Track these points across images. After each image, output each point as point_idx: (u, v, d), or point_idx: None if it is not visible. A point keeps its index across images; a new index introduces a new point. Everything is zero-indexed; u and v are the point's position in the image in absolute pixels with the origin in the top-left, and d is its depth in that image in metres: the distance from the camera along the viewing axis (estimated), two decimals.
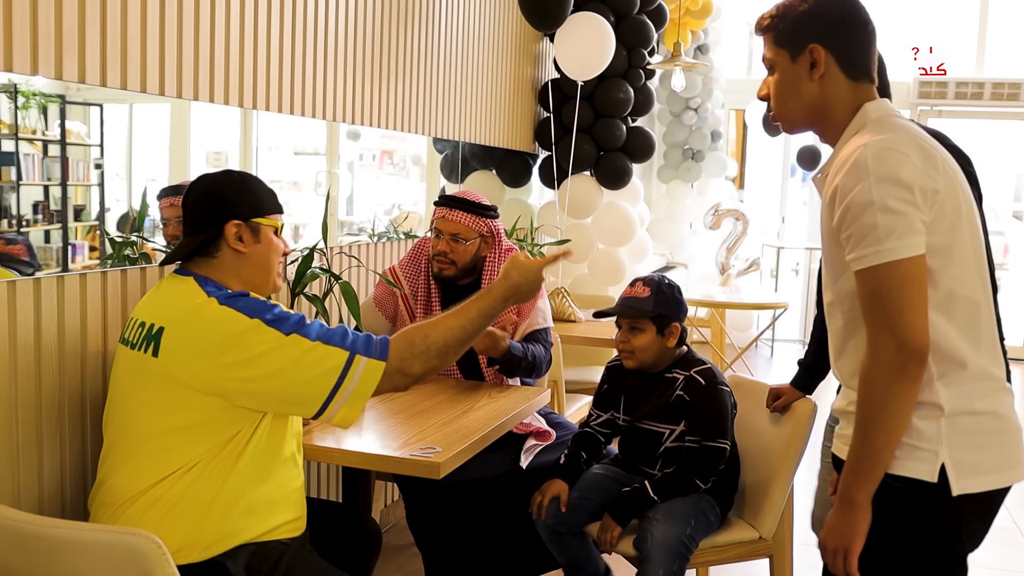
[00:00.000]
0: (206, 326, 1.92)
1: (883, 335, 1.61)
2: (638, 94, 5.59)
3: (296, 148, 3.24)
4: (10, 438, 2.11)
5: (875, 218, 1.60)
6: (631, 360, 2.71)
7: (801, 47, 1.78)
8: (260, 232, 2.08)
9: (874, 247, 1.60)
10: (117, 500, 1.96)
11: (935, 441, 1.66)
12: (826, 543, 1.72)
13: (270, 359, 1.89)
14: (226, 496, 1.95)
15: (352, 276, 3.53)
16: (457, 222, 3.03)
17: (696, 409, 2.64)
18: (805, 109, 1.81)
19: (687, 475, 2.60)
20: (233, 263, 2.06)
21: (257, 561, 1.99)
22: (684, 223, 8.51)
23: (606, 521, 2.60)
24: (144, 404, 1.95)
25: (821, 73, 1.77)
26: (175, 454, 1.93)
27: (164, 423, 1.94)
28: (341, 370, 1.91)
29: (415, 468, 2.18)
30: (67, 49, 2.16)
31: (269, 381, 1.90)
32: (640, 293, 2.69)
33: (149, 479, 1.93)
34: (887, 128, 1.70)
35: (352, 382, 1.91)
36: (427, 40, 4.06)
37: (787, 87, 1.82)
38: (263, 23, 2.89)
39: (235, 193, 2.08)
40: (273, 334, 1.90)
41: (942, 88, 8.18)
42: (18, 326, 2.10)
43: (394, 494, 4.02)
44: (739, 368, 6.64)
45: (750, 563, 2.99)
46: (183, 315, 1.95)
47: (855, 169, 1.63)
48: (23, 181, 2.12)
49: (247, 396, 1.92)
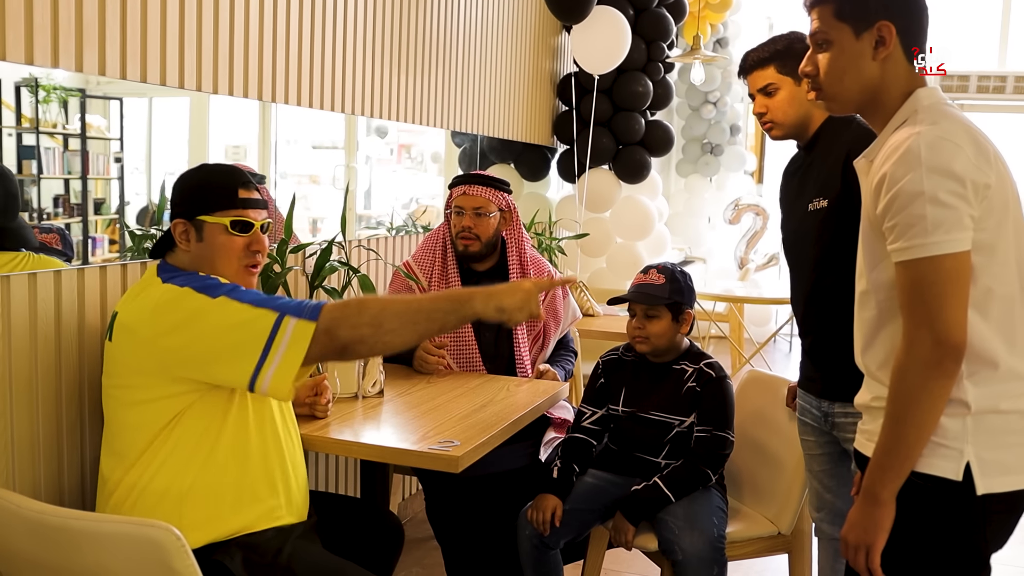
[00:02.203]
0: (146, 302, 1.95)
1: (921, 330, 1.58)
2: (657, 88, 5.57)
3: (314, 142, 3.25)
4: (31, 430, 2.12)
5: (924, 209, 1.55)
6: (645, 345, 2.72)
7: (869, 23, 1.69)
8: (204, 230, 2.05)
9: (920, 239, 1.56)
10: (105, 489, 2.00)
11: (960, 439, 1.62)
12: (848, 538, 1.69)
13: (197, 322, 1.88)
14: (201, 484, 1.95)
15: (370, 269, 3.54)
16: (478, 195, 3.07)
17: (707, 400, 2.67)
18: (860, 89, 1.74)
19: (698, 466, 2.61)
20: (188, 258, 2.07)
21: (256, 554, 1.98)
22: (702, 217, 8.47)
23: (620, 522, 2.58)
24: (107, 389, 2.01)
25: (888, 53, 1.70)
26: (140, 440, 1.95)
27: (123, 407, 1.98)
28: (269, 332, 1.84)
29: (434, 462, 2.18)
30: (87, 42, 2.17)
31: (198, 344, 1.88)
32: (655, 280, 2.71)
33: (124, 467, 1.96)
34: (941, 117, 1.64)
35: (281, 345, 1.83)
36: (446, 33, 4.05)
37: (846, 65, 1.73)
38: (282, 16, 2.89)
39: (179, 192, 2.09)
40: (202, 299, 1.90)
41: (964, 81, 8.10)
42: (39, 318, 2.11)
43: (412, 487, 4.02)
44: (757, 363, 6.59)
45: (768, 559, 2.98)
46: (132, 297, 2.01)
47: (907, 157, 1.58)
48: (44, 175, 2.13)
49: (181, 365, 1.91)
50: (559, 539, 2.66)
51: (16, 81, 2.03)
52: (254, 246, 2.09)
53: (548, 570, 2.69)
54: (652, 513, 2.56)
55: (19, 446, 2.10)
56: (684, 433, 2.69)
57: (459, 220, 3.07)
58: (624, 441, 2.77)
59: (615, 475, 2.75)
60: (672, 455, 2.70)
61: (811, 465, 2.54)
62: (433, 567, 3.41)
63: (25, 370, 2.10)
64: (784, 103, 2.42)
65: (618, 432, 2.79)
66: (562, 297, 3.23)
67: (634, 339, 2.74)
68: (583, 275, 5.60)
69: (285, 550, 2.00)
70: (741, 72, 2.52)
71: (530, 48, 5.14)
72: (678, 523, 2.53)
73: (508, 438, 2.45)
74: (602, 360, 2.88)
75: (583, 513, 2.68)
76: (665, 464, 2.69)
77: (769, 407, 2.82)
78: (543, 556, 2.66)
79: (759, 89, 2.46)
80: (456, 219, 3.08)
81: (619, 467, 2.76)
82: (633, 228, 5.63)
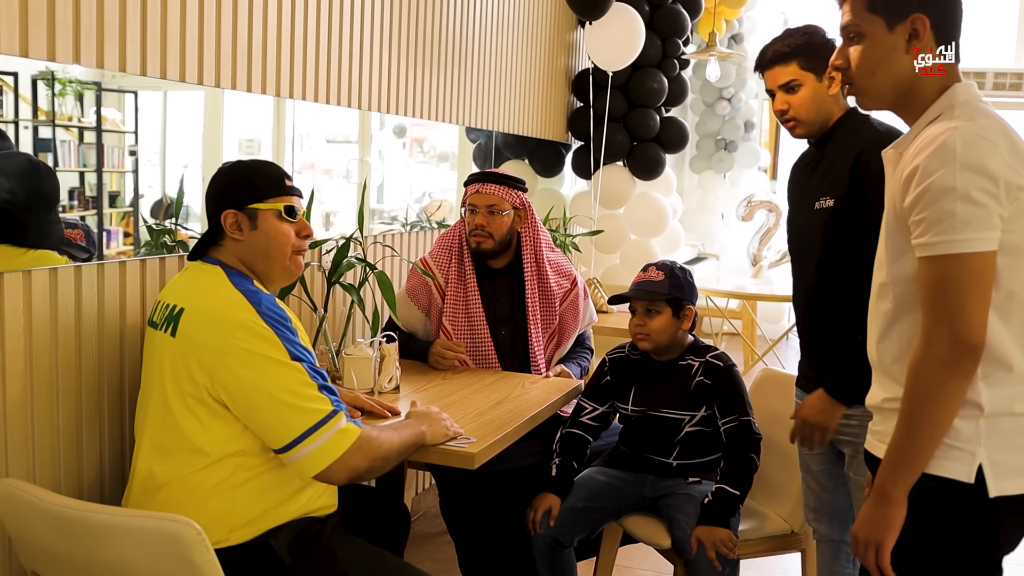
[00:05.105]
0: (225, 307, 1.94)
1: (940, 327, 1.56)
2: (672, 84, 5.56)
3: (328, 136, 3.26)
4: (51, 424, 2.14)
5: (954, 206, 1.53)
6: (647, 342, 2.73)
7: (903, 15, 1.67)
8: (258, 218, 2.07)
9: (947, 236, 1.54)
10: (150, 485, 1.97)
11: (973, 441, 1.60)
12: (858, 535, 1.68)
13: (268, 368, 1.90)
14: (259, 483, 1.97)
15: (385, 265, 3.54)
16: (491, 194, 3.06)
17: (722, 390, 2.68)
18: (894, 83, 1.71)
19: (743, 455, 2.61)
20: (237, 250, 2.08)
21: (300, 539, 2.01)
22: (716, 214, 8.45)
23: (711, 534, 2.49)
24: (165, 385, 1.96)
25: (922, 46, 1.67)
26: (199, 439, 1.93)
27: (184, 410, 1.94)
28: (322, 417, 1.91)
29: (450, 458, 2.19)
30: (108, 39, 2.18)
31: (255, 389, 1.90)
32: (654, 277, 2.73)
33: (180, 464, 1.94)
34: (977, 114, 1.62)
35: (327, 433, 1.90)
36: (461, 29, 4.05)
37: (879, 58, 1.70)
38: (300, 12, 2.90)
39: (227, 183, 2.10)
40: (283, 350, 1.92)
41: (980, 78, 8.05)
42: (59, 313, 2.13)
43: (425, 482, 4.04)
44: (770, 360, 6.59)
45: (781, 557, 2.98)
46: (204, 298, 1.98)
47: (941, 152, 1.55)
48: (59, 167, 2.14)
49: (228, 391, 1.91)
50: (573, 537, 2.67)
51: (33, 74, 2.04)
52: (303, 231, 2.13)
53: (562, 567, 2.69)
54: (728, 518, 2.53)
55: (40, 440, 2.11)
56: (693, 432, 2.70)
57: (472, 218, 3.08)
58: (635, 442, 2.78)
59: (628, 472, 2.75)
60: (682, 455, 2.71)
61: (808, 465, 2.53)
62: (446, 562, 3.42)
63: (46, 364, 2.11)
64: (807, 100, 2.37)
65: (629, 432, 2.80)
66: (583, 298, 3.23)
67: (636, 336, 2.75)
68: (597, 271, 5.59)
69: (324, 535, 2.05)
70: (759, 67, 2.46)
71: (545, 44, 5.13)
72: (691, 521, 2.53)
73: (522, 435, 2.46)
74: (608, 357, 2.89)
75: (596, 511, 2.68)
76: (677, 465, 2.70)
77: (782, 405, 2.82)
78: (557, 553, 2.67)
79: (780, 85, 2.40)
80: (469, 217, 3.09)
81: (631, 467, 2.77)
82: (647, 224, 5.63)
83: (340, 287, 2.76)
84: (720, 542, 2.48)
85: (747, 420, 2.66)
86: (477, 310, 3.06)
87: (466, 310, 3.07)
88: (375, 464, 1.98)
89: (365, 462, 1.95)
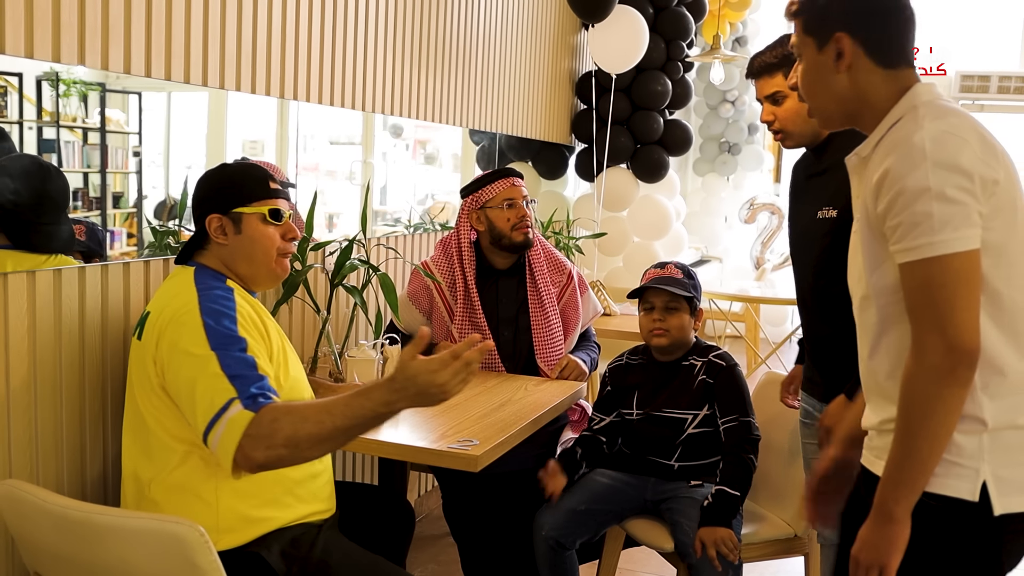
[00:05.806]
0: (175, 305, 1.94)
1: (931, 335, 1.48)
2: (676, 87, 5.56)
3: (332, 138, 3.26)
4: (55, 424, 2.14)
5: (930, 206, 1.46)
6: (665, 338, 2.73)
7: (827, 36, 1.64)
8: (242, 222, 2.07)
9: (927, 238, 1.47)
10: (137, 486, 1.98)
11: (976, 458, 1.53)
12: (859, 558, 1.58)
13: (183, 361, 1.86)
14: (238, 482, 1.93)
15: (388, 268, 3.54)
16: (522, 186, 3.11)
17: (723, 390, 2.69)
18: (836, 102, 1.68)
19: (740, 456, 2.61)
20: (222, 254, 2.08)
21: (292, 547, 2.00)
22: (719, 217, 8.45)
23: (713, 535, 2.47)
24: (133, 386, 1.98)
25: (848, 64, 1.63)
26: (163, 432, 1.93)
27: (149, 407, 1.95)
28: (219, 409, 1.79)
29: (453, 460, 2.19)
30: (113, 40, 2.18)
31: (176, 383, 1.88)
32: (675, 274, 2.76)
33: (157, 464, 1.95)
34: (943, 112, 1.56)
35: (222, 426, 1.77)
36: (465, 31, 4.05)
37: (814, 78, 1.69)
38: (304, 14, 2.90)
39: (211, 188, 2.10)
40: (203, 341, 1.86)
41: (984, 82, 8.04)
42: (63, 314, 2.13)
43: (428, 484, 4.03)
44: (773, 363, 6.57)
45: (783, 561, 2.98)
46: (166, 299, 1.98)
47: (910, 152, 1.49)
48: (63, 168, 2.14)
49: (167, 386, 1.90)
50: (575, 539, 2.67)
51: (37, 75, 2.04)
52: (289, 234, 2.13)
53: (564, 570, 2.69)
54: (728, 519, 2.52)
55: (43, 441, 2.11)
56: (695, 434, 2.69)
57: (513, 212, 3.05)
58: (637, 444, 2.78)
59: (630, 475, 2.75)
60: (684, 457, 2.70)
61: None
62: (449, 564, 3.42)
63: (49, 365, 2.11)
64: (792, 112, 2.34)
65: (631, 435, 2.80)
66: (580, 293, 3.22)
67: (652, 332, 2.74)
68: (600, 274, 5.59)
69: (318, 544, 2.03)
70: (749, 75, 2.44)
71: (549, 46, 5.13)
72: (694, 525, 2.53)
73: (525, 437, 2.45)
74: (609, 368, 2.90)
75: (599, 513, 2.68)
76: (678, 467, 2.70)
77: (785, 408, 2.82)
78: (559, 556, 2.67)
79: (766, 96, 2.38)
80: (510, 211, 3.05)
81: (633, 469, 2.77)
82: (650, 227, 5.63)
83: (343, 289, 2.75)
84: (721, 541, 2.47)
85: (747, 421, 2.66)
86: (479, 313, 3.06)
87: (469, 314, 3.07)
88: (285, 452, 1.73)
89: (266, 451, 1.73)
